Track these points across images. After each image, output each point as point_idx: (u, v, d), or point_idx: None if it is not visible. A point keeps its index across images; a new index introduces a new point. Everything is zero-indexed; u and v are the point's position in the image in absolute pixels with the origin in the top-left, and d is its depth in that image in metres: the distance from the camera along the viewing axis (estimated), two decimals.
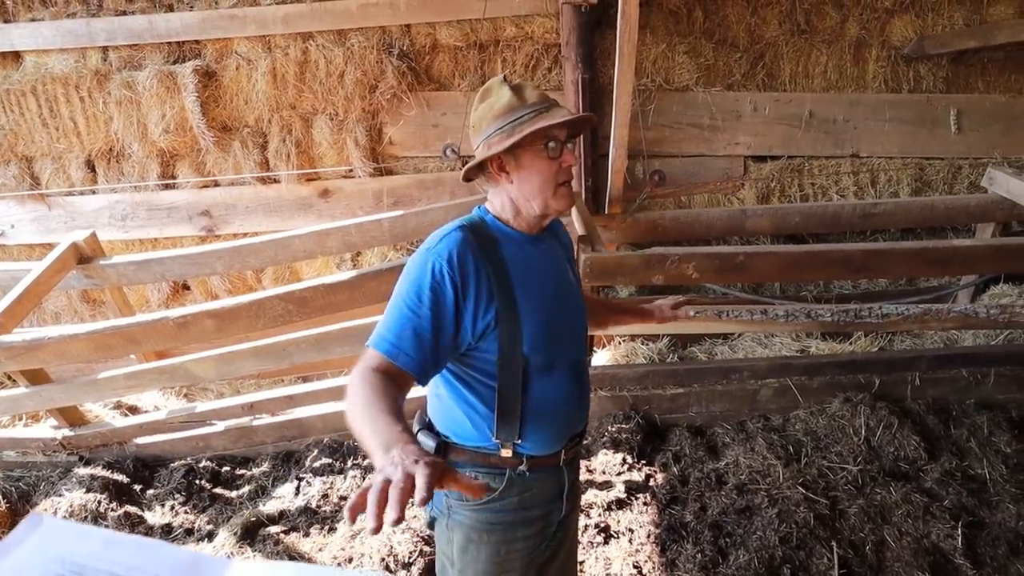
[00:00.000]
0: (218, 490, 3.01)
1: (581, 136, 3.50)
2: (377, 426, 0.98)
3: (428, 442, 1.34)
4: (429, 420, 1.40)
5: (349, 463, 3.01)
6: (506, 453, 1.31)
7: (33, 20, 3.71)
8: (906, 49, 3.67)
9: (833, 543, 2.32)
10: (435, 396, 1.38)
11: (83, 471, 3.02)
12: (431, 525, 1.46)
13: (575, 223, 2.91)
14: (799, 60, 3.73)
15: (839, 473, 2.68)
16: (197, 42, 3.72)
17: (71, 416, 3.12)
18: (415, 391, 1.22)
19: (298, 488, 2.90)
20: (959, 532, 2.32)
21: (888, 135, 3.79)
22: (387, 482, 0.82)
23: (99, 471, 3.02)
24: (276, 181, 3.90)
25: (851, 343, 3.50)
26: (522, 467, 1.32)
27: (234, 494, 2.98)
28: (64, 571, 0.59)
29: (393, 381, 1.11)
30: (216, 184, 3.94)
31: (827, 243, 3.37)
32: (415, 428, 1.40)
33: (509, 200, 1.29)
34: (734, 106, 3.73)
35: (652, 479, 2.79)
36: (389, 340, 1.15)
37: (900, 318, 2.88)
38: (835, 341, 3.53)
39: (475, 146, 1.29)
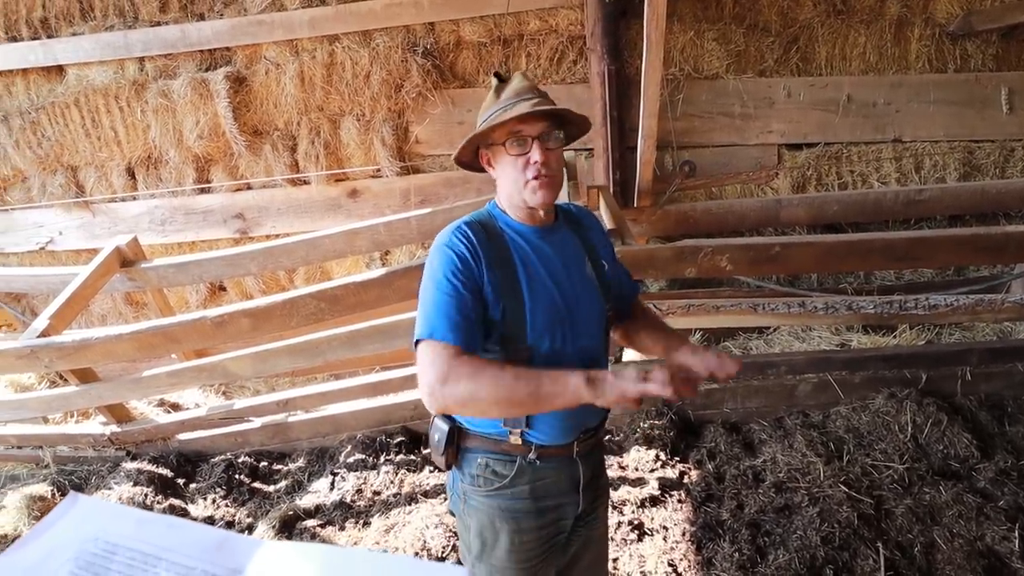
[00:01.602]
0: (256, 484, 3.08)
1: (608, 134, 3.48)
2: (550, 377, 1.13)
3: (443, 426, 1.36)
4: None
5: (382, 459, 3.04)
6: (514, 440, 1.31)
7: (74, 35, 3.86)
8: (952, 26, 3.50)
9: (879, 544, 2.22)
10: None
11: (130, 465, 3.13)
12: (453, 512, 1.48)
13: (603, 216, 2.87)
14: (836, 42, 3.59)
15: (884, 472, 2.57)
16: (228, 49, 3.81)
17: (118, 413, 3.24)
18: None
19: (333, 483, 2.94)
20: (1016, 534, 2.20)
21: (933, 117, 3.62)
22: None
23: (145, 465, 3.12)
24: (306, 183, 3.97)
25: (895, 336, 3.37)
26: (532, 455, 1.32)
27: (271, 488, 3.05)
28: (98, 549, 0.61)
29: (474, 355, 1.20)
30: (249, 187, 4.04)
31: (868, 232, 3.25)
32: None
33: (503, 193, 1.33)
34: (767, 93, 3.62)
35: (686, 476, 2.73)
36: (442, 328, 1.18)
37: (949, 309, 2.75)
38: (878, 334, 3.40)
39: None
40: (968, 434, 2.67)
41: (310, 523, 2.70)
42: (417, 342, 1.21)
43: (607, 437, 2.98)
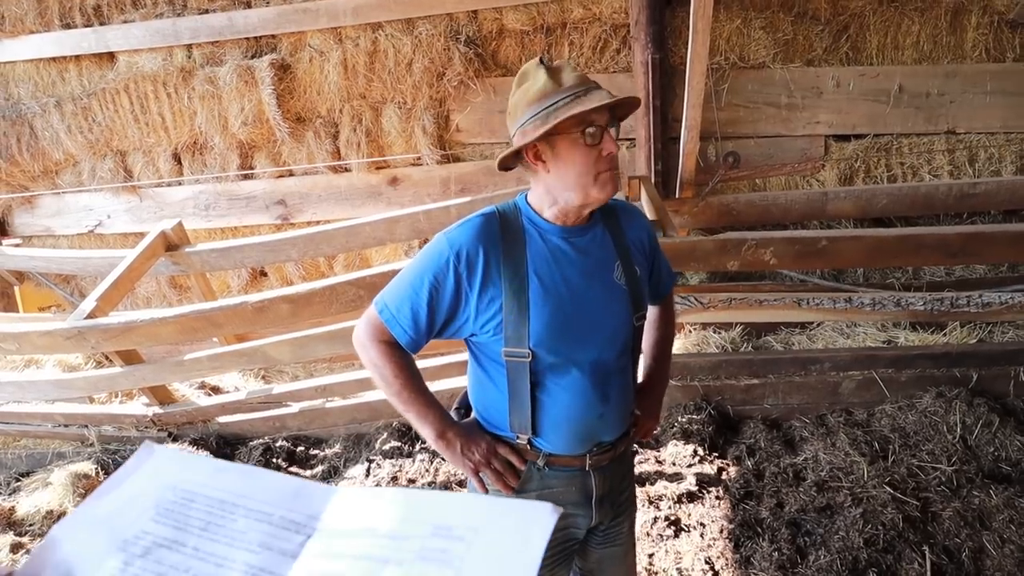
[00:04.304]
0: (293, 469, 3.13)
1: (650, 124, 3.43)
2: (419, 410, 1.27)
3: (458, 419, 1.36)
4: (467, 401, 1.40)
5: (417, 447, 3.06)
6: (522, 444, 1.28)
7: (125, 22, 3.95)
8: (1012, 14, 3.37)
9: (925, 548, 2.16)
10: (470, 377, 1.38)
11: (171, 447, 3.21)
12: None
13: (644, 208, 2.83)
14: (888, 31, 3.48)
15: (931, 473, 2.50)
16: (273, 36, 3.86)
17: (161, 395, 3.32)
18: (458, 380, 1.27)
19: (368, 470, 2.97)
20: None
21: (989, 108, 3.49)
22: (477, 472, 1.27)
23: (186, 447, 3.20)
24: (347, 170, 4.01)
25: (945, 334, 3.26)
26: (540, 461, 1.29)
27: (308, 474, 3.09)
28: (176, 497, 0.62)
29: (402, 350, 1.27)
30: (291, 174, 4.09)
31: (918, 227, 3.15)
32: (453, 406, 1.41)
33: (546, 190, 1.23)
34: (815, 83, 3.53)
35: (724, 472, 2.70)
36: (390, 310, 1.24)
37: (1003, 307, 2.66)
38: (927, 332, 3.30)
39: (511, 133, 1.24)
40: (1021, 437, 2.59)
41: None
42: (376, 301, 1.28)
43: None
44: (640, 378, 1.51)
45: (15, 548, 2.71)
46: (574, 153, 1.17)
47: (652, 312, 1.51)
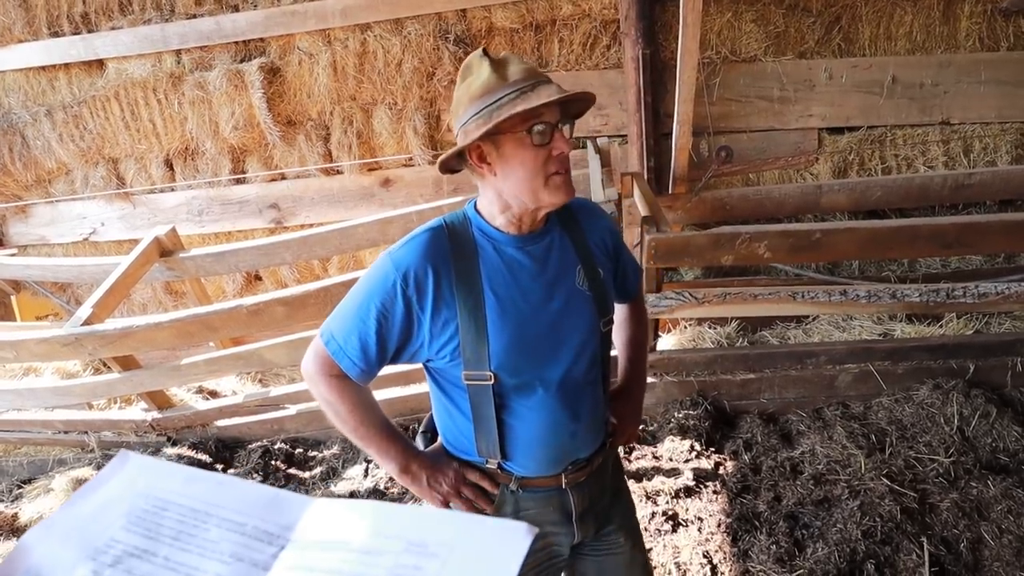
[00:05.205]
0: (292, 471, 3.14)
1: (642, 120, 3.42)
2: (379, 445, 1.21)
3: (423, 443, 1.32)
4: (434, 425, 1.34)
5: None
6: (492, 468, 1.23)
7: (113, 29, 3.94)
8: (1005, 2, 3.34)
9: (923, 539, 2.16)
10: (433, 403, 1.31)
11: (171, 451, 3.22)
12: None
13: (637, 204, 2.83)
14: (880, 21, 3.46)
15: (928, 465, 2.50)
16: (261, 40, 3.85)
17: (159, 400, 3.33)
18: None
19: (367, 470, 2.98)
20: None
21: (984, 98, 3.47)
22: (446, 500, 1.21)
23: (185, 451, 3.21)
24: (339, 172, 4.00)
25: (941, 326, 3.26)
26: (512, 485, 1.23)
27: (307, 475, 3.10)
28: (149, 506, 0.61)
29: (354, 383, 1.19)
30: (283, 177, 4.09)
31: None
32: (419, 430, 1.37)
33: (496, 195, 1.13)
34: (807, 75, 3.52)
35: (722, 467, 2.70)
36: (337, 342, 1.15)
37: (1000, 298, 2.65)
38: (923, 324, 3.29)
39: (455, 133, 1.13)
40: (1018, 427, 2.59)
41: None
42: (323, 331, 1.18)
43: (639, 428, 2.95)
44: (616, 382, 1.44)
45: None
46: (521, 154, 1.08)
47: (621, 312, 1.45)
